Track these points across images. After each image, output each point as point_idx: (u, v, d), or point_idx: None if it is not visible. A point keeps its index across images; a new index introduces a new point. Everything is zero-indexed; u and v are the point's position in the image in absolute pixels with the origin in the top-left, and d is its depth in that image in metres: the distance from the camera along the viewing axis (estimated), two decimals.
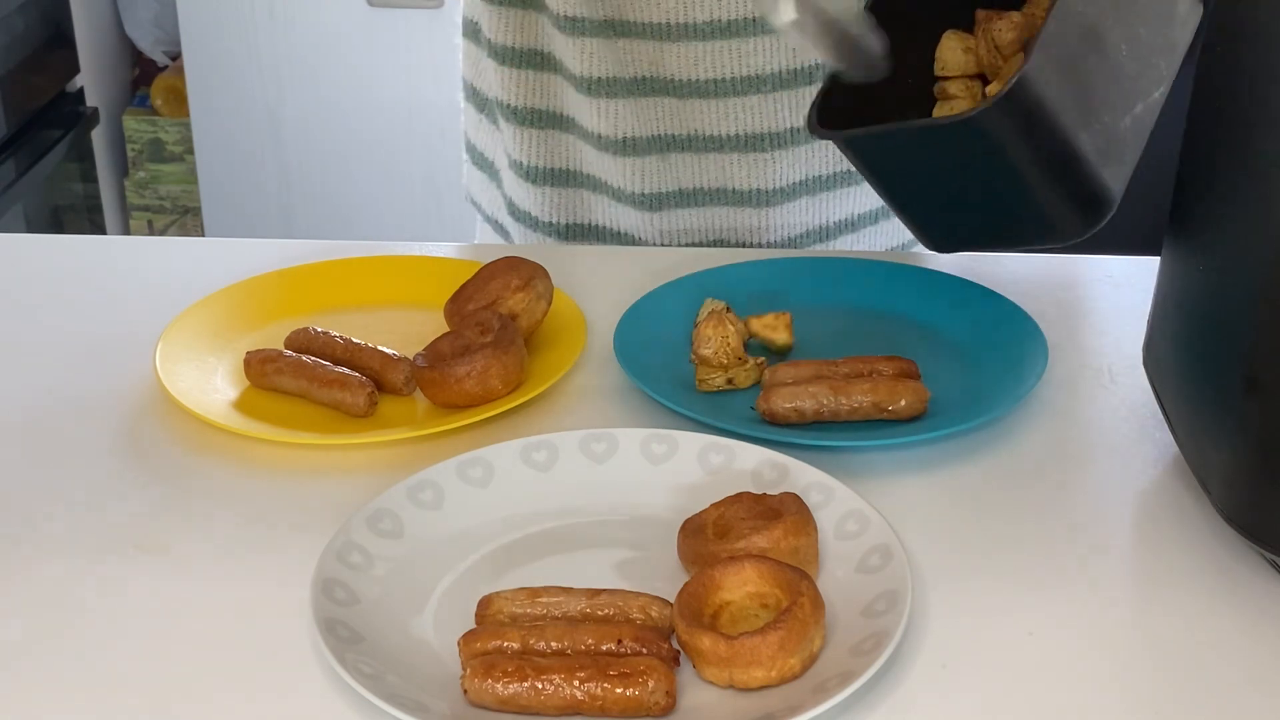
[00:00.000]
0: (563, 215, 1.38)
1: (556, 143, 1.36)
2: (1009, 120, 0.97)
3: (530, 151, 1.36)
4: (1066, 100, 0.98)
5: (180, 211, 3.33)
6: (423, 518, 0.95)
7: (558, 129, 1.35)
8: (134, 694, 0.84)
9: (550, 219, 1.38)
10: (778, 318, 1.13)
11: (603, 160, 1.33)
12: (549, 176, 1.37)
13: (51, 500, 1.01)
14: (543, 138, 1.36)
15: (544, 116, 1.35)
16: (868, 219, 1.38)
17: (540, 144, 1.36)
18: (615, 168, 1.33)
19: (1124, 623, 0.89)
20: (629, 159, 1.32)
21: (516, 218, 1.41)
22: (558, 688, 0.80)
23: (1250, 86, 0.85)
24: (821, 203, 1.35)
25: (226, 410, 1.08)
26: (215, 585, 0.93)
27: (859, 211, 1.37)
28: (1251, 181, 0.85)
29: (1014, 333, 1.13)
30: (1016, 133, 0.98)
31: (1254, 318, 0.85)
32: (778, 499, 0.92)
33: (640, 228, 1.36)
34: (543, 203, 1.38)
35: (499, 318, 1.10)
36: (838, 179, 1.34)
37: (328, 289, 1.24)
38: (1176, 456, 1.00)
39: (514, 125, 1.36)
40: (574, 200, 1.38)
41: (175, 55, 3.29)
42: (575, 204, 1.38)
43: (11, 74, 2.75)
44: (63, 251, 1.40)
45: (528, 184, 1.38)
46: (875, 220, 1.38)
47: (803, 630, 0.82)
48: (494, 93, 1.38)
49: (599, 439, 1.01)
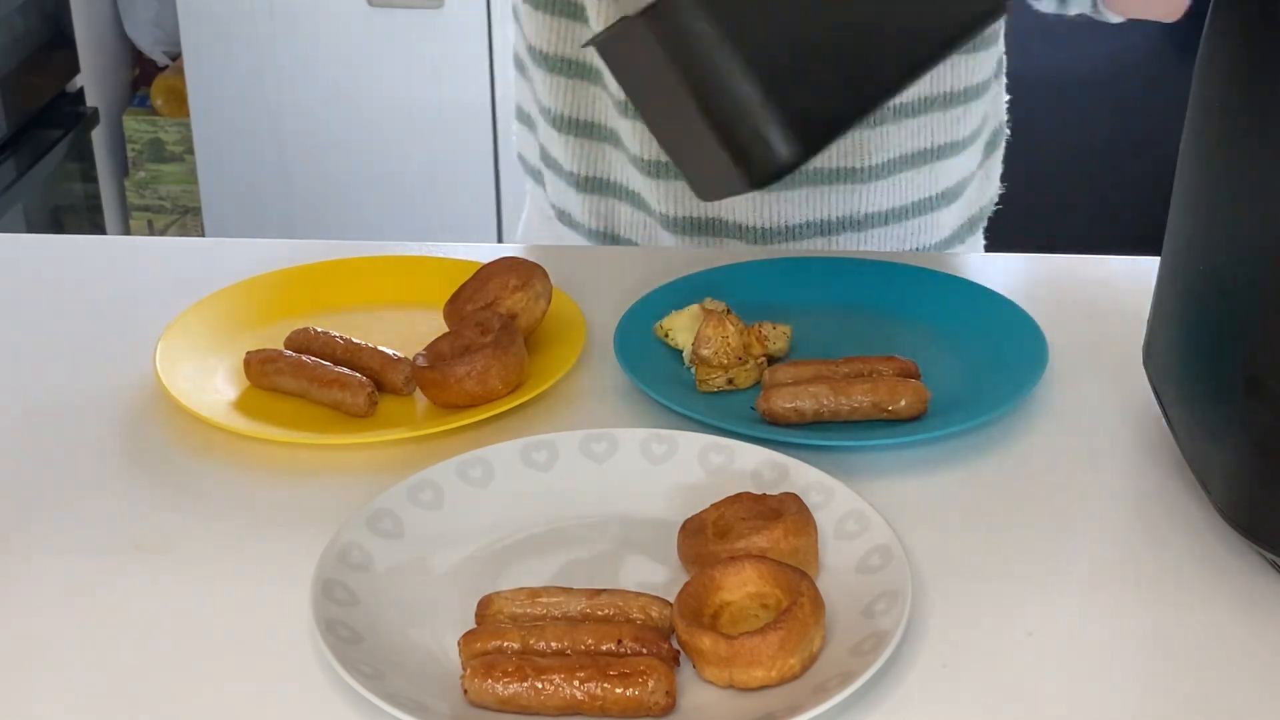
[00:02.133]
0: (583, 166, 1.40)
1: (584, 93, 1.37)
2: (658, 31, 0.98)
3: (559, 100, 1.38)
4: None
5: (180, 211, 3.33)
6: (423, 518, 0.95)
7: (586, 79, 1.37)
8: (134, 693, 0.84)
9: (572, 168, 1.40)
10: (776, 328, 1.12)
11: (621, 122, 1.34)
12: (574, 127, 1.38)
13: (52, 500, 1.01)
14: (570, 86, 1.37)
15: (572, 66, 1.37)
16: (876, 220, 1.38)
17: (569, 93, 1.37)
18: (628, 129, 1.34)
19: (1124, 623, 0.89)
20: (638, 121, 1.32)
21: (548, 164, 1.44)
22: (558, 688, 0.80)
23: (1249, 84, 0.85)
24: (822, 195, 1.35)
25: (226, 410, 1.08)
26: (215, 585, 0.93)
27: (865, 211, 1.37)
28: (1251, 181, 0.85)
29: (1014, 333, 1.13)
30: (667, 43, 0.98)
31: (1254, 318, 0.85)
32: (778, 499, 0.92)
33: (647, 190, 1.36)
34: (566, 151, 1.40)
35: (499, 318, 1.10)
36: (841, 174, 1.34)
37: (328, 289, 1.24)
38: (1176, 456, 1.00)
39: (544, 71, 1.38)
40: (596, 153, 1.39)
41: (175, 55, 3.29)
42: (597, 157, 1.39)
43: (11, 74, 2.75)
44: (63, 251, 1.40)
45: (556, 132, 1.40)
46: (885, 222, 1.38)
47: (803, 630, 0.82)
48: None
49: (599, 439, 1.01)
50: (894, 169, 1.34)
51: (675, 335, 1.14)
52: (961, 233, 1.45)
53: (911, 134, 1.34)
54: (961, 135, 1.38)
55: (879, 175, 1.34)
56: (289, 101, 3.12)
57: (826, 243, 1.37)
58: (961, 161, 1.39)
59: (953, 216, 1.42)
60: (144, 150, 3.29)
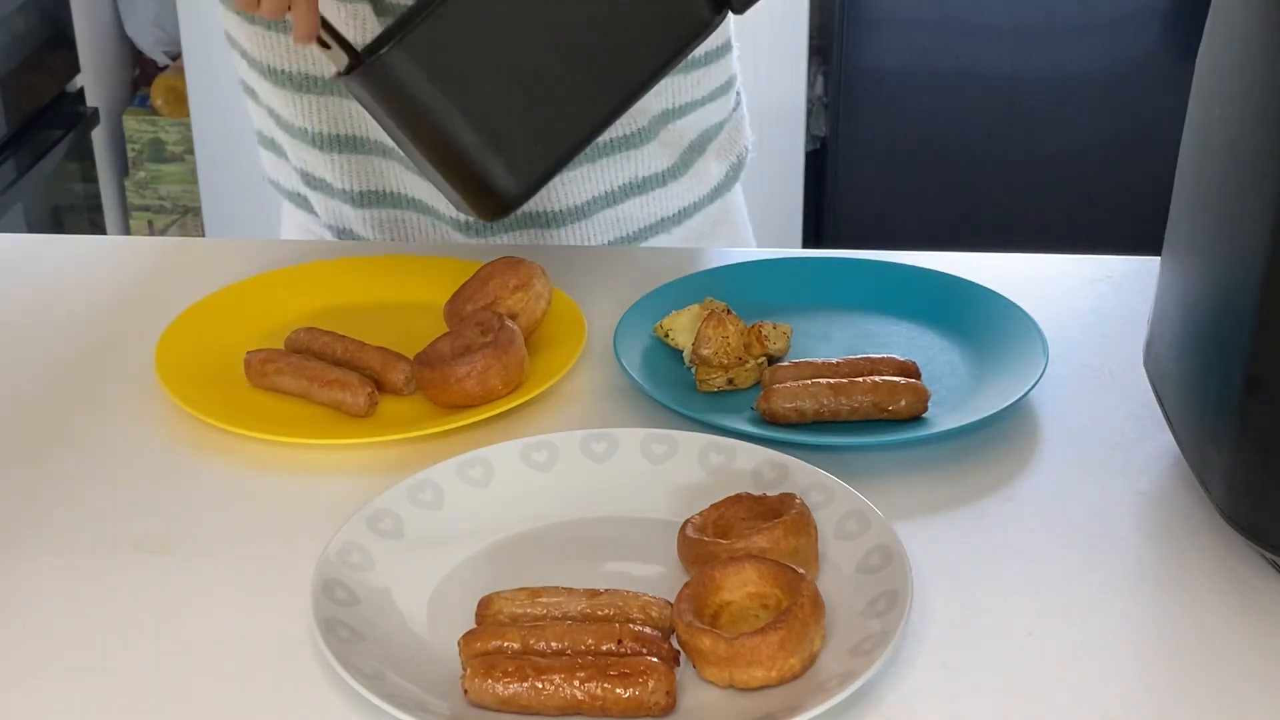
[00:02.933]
0: (356, 182, 1.35)
1: (338, 107, 1.32)
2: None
3: (313, 119, 1.33)
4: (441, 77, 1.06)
5: (180, 211, 3.33)
6: (423, 518, 0.95)
7: (336, 94, 1.32)
8: (133, 694, 0.84)
9: (344, 186, 1.35)
10: (776, 328, 1.12)
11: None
12: (337, 143, 1.34)
13: (51, 500, 1.01)
14: (322, 103, 1.32)
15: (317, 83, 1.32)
16: (654, 181, 1.37)
17: (322, 110, 1.32)
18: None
19: (1124, 623, 0.89)
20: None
21: (313, 185, 1.38)
22: (558, 688, 0.80)
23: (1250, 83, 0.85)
24: (601, 169, 1.33)
25: (226, 410, 1.08)
26: (215, 585, 0.93)
27: (644, 174, 1.35)
28: (1252, 181, 0.85)
29: (1014, 333, 1.13)
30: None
31: (1254, 318, 0.85)
32: (778, 499, 0.92)
33: (432, 196, 1.32)
34: (334, 169, 1.35)
35: (499, 318, 1.10)
36: (615, 144, 1.32)
37: (328, 289, 1.24)
38: (1176, 456, 1.00)
39: (289, 91, 1.33)
40: (366, 166, 1.34)
41: (175, 55, 3.29)
42: (369, 170, 1.34)
43: (11, 74, 2.75)
44: (63, 251, 1.40)
45: (318, 151, 1.35)
46: (664, 182, 1.37)
47: (803, 630, 0.82)
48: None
49: (599, 439, 1.01)
50: (657, 124, 1.34)
51: (675, 335, 1.14)
52: (727, 182, 1.44)
53: (658, 96, 1.33)
54: (704, 92, 1.37)
55: (648, 138, 1.33)
56: None
57: (614, 213, 1.35)
58: (701, 116, 1.38)
59: (711, 169, 1.42)
60: (144, 150, 3.29)
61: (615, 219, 1.37)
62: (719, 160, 1.43)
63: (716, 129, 1.42)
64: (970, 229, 3.14)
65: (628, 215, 1.37)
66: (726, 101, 1.42)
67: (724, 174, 1.44)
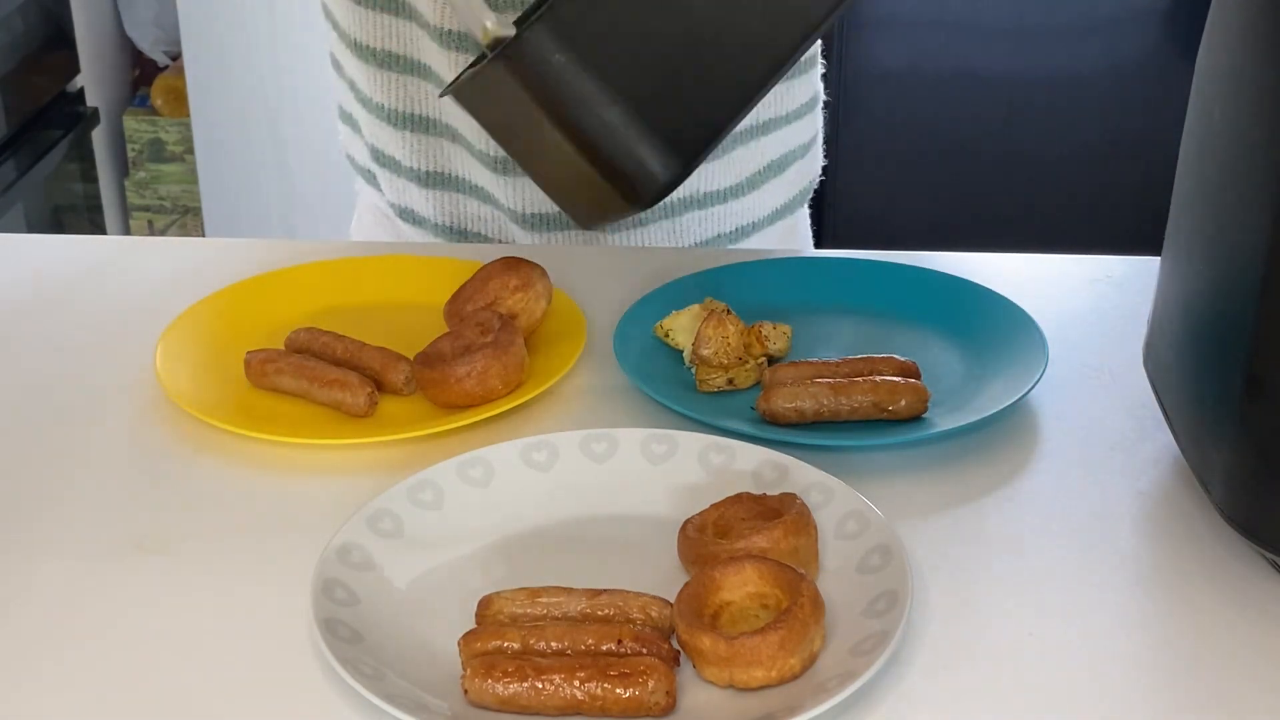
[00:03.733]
0: (424, 162, 1.37)
1: (415, 88, 1.34)
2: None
3: (389, 95, 1.35)
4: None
5: (180, 211, 3.33)
6: (423, 518, 0.95)
7: (416, 74, 1.33)
8: (133, 694, 0.84)
9: (412, 164, 1.37)
10: (776, 328, 1.12)
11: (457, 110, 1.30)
12: (409, 121, 1.35)
13: (51, 500, 1.01)
14: (400, 81, 1.34)
15: (400, 61, 1.33)
16: (715, 198, 1.36)
17: (399, 88, 1.34)
18: (468, 124, 1.31)
19: (1124, 623, 0.89)
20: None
21: (381, 163, 1.40)
22: (558, 688, 0.80)
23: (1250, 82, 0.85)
24: None
25: (226, 410, 1.08)
26: (215, 585, 0.93)
27: (705, 190, 1.35)
28: (1251, 181, 0.85)
29: (1014, 333, 1.13)
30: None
31: (1255, 318, 0.85)
32: (778, 499, 0.92)
33: (494, 186, 1.33)
34: (404, 147, 1.37)
35: (499, 318, 1.10)
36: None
37: (328, 289, 1.24)
38: (1176, 456, 1.00)
39: (370, 66, 1.34)
40: (435, 147, 1.36)
41: (175, 55, 3.29)
42: (437, 151, 1.36)
43: (11, 74, 2.75)
44: (63, 251, 1.40)
45: (391, 128, 1.36)
46: (724, 200, 1.37)
47: (803, 630, 0.82)
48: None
49: (599, 439, 1.01)
50: (732, 141, 1.33)
51: (675, 335, 1.14)
52: (792, 205, 1.44)
53: None
54: (790, 108, 1.37)
55: (717, 154, 1.32)
56: (289, 101, 3.12)
57: (671, 225, 1.36)
58: (787, 135, 1.38)
59: (781, 190, 1.41)
60: (144, 150, 3.29)
61: (671, 229, 1.37)
62: (790, 184, 1.43)
63: (803, 150, 1.41)
64: (970, 229, 3.14)
65: (684, 228, 1.36)
66: (813, 121, 1.42)
67: (789, 198, 1.43)
